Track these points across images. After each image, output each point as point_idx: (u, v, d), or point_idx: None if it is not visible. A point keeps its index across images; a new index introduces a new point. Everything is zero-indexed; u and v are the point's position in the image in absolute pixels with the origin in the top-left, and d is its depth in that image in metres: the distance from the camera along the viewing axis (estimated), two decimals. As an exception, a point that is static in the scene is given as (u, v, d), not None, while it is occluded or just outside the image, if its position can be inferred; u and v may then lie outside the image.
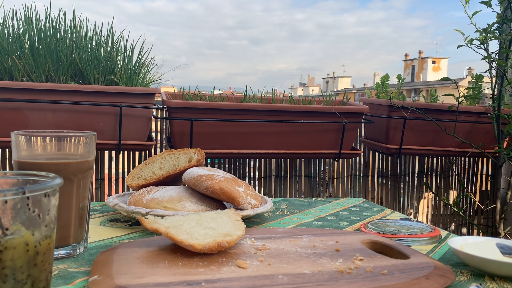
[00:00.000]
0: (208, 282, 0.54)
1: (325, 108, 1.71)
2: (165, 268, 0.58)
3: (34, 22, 1.53)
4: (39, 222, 0.44)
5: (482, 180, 2.30)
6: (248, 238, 0.72)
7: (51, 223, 0.45)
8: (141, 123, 1.58)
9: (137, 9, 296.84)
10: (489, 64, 1.84)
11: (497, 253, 0.66)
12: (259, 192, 1.89)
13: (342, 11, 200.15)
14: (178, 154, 0.99)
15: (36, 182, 0.48)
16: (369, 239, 0.73)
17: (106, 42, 1.60)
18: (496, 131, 1.88)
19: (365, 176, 2.17)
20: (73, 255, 0.68)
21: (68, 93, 1.48)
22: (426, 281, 0.56)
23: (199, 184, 0.88)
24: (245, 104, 1.64)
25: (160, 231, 0.65)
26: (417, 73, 33.94)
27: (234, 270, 0.58)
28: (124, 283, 0.53)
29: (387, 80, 2.10)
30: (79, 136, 0.70)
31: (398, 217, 1.00)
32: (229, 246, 0.63)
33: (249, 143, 1.67)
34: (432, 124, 1.86)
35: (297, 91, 44.37)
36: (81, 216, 0.69)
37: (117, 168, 1.86)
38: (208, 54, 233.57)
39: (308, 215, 1.01)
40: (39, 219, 0.44)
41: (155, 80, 1.70)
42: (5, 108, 1.44)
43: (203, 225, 0.69)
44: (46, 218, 0.44)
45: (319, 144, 1.73)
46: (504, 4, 1.81)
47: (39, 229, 0.44)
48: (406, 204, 2.21)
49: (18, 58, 1.49)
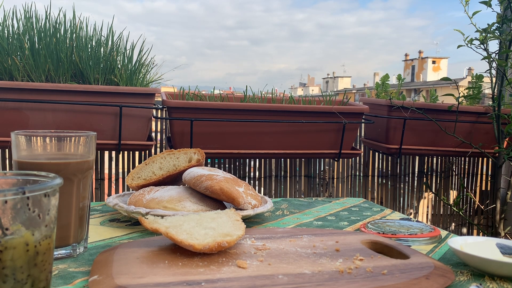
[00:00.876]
0: (208, 282, 0.54)
1: (325, 108, 1.71)
2: (165, 268, 0.58)
3: (34, 22, 1.53)
4: (39, 222, 0.44)
5: (482, 180, 2.31)
6: (248, 238, 0.72)
7: (51, 223, 0.45)
8: (141, 123, 1.58)
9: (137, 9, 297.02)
10: (489, 64, 1.84)
11: (497, 253, 0.66)
12: (259, 192, 1.89)
13: (342, 11, 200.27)
14: (178, 154, 0.99)
15: (36, 182, 0.48)
16: (369, 239, 0.73)
17: (106, 42, 1.60)
18: (496, 131, 1.88)
19: (365, 176, 2.17)
20: (73, 255, 0.68)
21: (68, 93, 1.48)
22: (426, 281, 0.56)
23: (199, 184, 0.88)
24: (245, 104, 1.64)
25: (160, 231, 0.65)
26: (417, 73, 33.94)
27: (234, 270, 0.58)
28: (124, 283, 0.53)
29: (387, 80, 2.10)
30: (79, 136, 0.70)
31: (398, 217, 1.00)
32: (229, 246, 0.63)
33: (249, 143, 1.67)
34: (432, 124, 1.86)
35: (297, 91, 44.37)
36: (81, 216, 0.69)
37: (117, 168, 1.86)
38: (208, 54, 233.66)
39: (308, 215, 1.01)
40: (39, 219, 0.44)
41: (155, 80, 1.70)
42: (5, 108, 1.44)
43: (203, 225, 0.69)
44: (46, 218, 0.44)
45: (319, 144, 1.73)
46: (504, 4, 1.81)
47: (39, 229, 0.44)
48: (406, 204, 2.21)
49: (18, 58, 1.49)
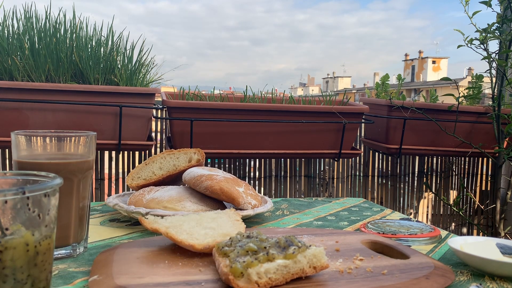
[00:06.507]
0: (208, 282, 0.54)
1: (325, 108, 1.71)
2: (165, 268, 0.58)
3: (34, 22, 1.53)
4: (39, 222, 0.44)
5: (482, 180, 2.30)
6: (248, 238, 0.72)
7: (51, 223, 0.45)
8: (141, 123, 1.58)
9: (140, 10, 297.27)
10: (489, 64, 1.84)
11: (497, 253, 0.66)
12: (259, 192, 1.89)
13: (343, 12, 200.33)
14: (178, 154, 0.99)
15: (36, 182, 0.48)
16: (369, 239, 0.73)
17: (106, 42, 1.59)
18: (496, 131, 1.88)
19: (365, 176, 2.17)
20: (73, 255, 0.68)
21: (68, 93, 1.48)
22: (426, 281, 0.57)
23: (199, 184, 0.88)
24: (245, 104, 1.64)
25: (160, 231, 0.65)
26: (417, 73, 33.94)
27: (234, 270, 0.58)
28: (124, 283, 0.53)
29: (387, 80, 2.10)
30: (79, 136, 0.70)
31: (398, 217, 1.00)
32: (229, 246, 0.63)
33: (249, 143, 1.67)
34: (432, 124, 1.86)
35: (297, 91, 44.36)
36: (81, 216, 0.69)
37: (117, 168, 1.86)
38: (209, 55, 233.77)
39: (308, 215, 1.01)
40: (39, 219, 0.44)
41: (155, 80, 1.70)
42: (5, 108, 1.44)
43: (203, 225, 0.69)
44: (46, 218, 0.44)
45: (319, 144, 1.73)
46: (504, 4, 1.81)
47: (39, 229, 0.44)
48: (406, 204, 2.21)
49: (18, 58, 1.49)
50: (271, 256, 0.53)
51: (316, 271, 0.55)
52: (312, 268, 0.55)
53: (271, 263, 0.52)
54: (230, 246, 0.57)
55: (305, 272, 0.54)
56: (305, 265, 0.54)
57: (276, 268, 0.52)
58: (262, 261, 0.52)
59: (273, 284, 0.52)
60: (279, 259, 0.53)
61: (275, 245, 0.56)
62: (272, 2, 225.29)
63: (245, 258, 0.52)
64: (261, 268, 0.51)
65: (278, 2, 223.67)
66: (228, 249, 0.56)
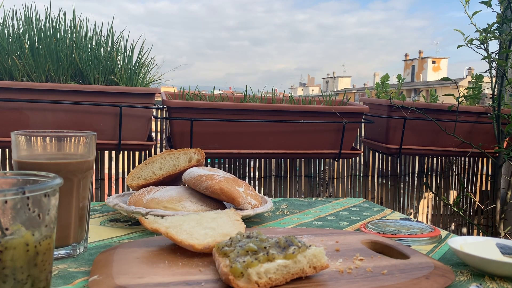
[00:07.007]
0: (208, 282, 0.54)
1: (325, 108, 1.71)
2: (165, 268, 0.58)
3: (34, 22, 1.53)
4: (39, 222, 0.44)
5: (482, 180, 2.30)
6: (248, 238, 0.72)
7: (51, 223, 0.45)
8: (141, 123, 1.58)
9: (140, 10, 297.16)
10: (489, 64, 1.84)
11: (497, 253, 0.66)
12: (259, 192, 1.89)
13: (343, 12, 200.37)
14: (178, 154, 0.99)
15: (36, 182, 0.48)
16: (369, 239, 0.73)
17: (106, 42, 1.59)
18: (496, 131, 1.88)
19: (365, 176, 2.17)
20: (73, 255, 0.68)
21: (68, 93, 1.48)
22: (426, 281, 0.57)
23: (199, 184, 0.88)
24: (245, 104, 1.64)
25: (160, 231, 0.65)
26: (417, 73, 33.93)
27: (234, 270, 0.58)
28: (124, 283, 0.53)
29: (387, 80, 2.10)
30: (79, 136, 0.70)
31: (398, 217, 1.00)
32: (229, 246, 0.63)
33: (249, 143, 1.67)
34: (432, 124, 1.86)
35: (297, 91, 44.35)
36: (81, 216, 0.69)
37: (117, 168, 1.86)
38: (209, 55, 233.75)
39: (308, 215, 1.01)
40: (39, 219, 0.44)
41: (155, 80, 1.70)
42: (5, 108, 1.44)
43: (203, 225, 0.69)
44: (46, 218, 0.44)
45: (319, 144, 1.73)
46: (504, 4, 1.81)
47: (39, 229, 0.44)
48: (406, 204, 2.21)
49: (18, 58, 1.49)
50: (271, 256, 0.53)
51: (316, 271, 0.55)
52: (312, 268, 0.55)
53: (271, 263, 0.52)
54: (230, 246, 0.57)
55: (305, 272, 0.54)
56: (305, 265, 0.54)
57: (276, 268, 0.52)
58: (262, 261, 0.52)
59: (273, 284, 0.52)
60: (279, 259, 0.53)
61: (275, 245, 0.56)
62: (272, 2, 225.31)
63: (245, 258, 0.52)
64: (261, 268, 0.51)
65: (278, 2, 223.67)
66: (228, 249, 0.56)
